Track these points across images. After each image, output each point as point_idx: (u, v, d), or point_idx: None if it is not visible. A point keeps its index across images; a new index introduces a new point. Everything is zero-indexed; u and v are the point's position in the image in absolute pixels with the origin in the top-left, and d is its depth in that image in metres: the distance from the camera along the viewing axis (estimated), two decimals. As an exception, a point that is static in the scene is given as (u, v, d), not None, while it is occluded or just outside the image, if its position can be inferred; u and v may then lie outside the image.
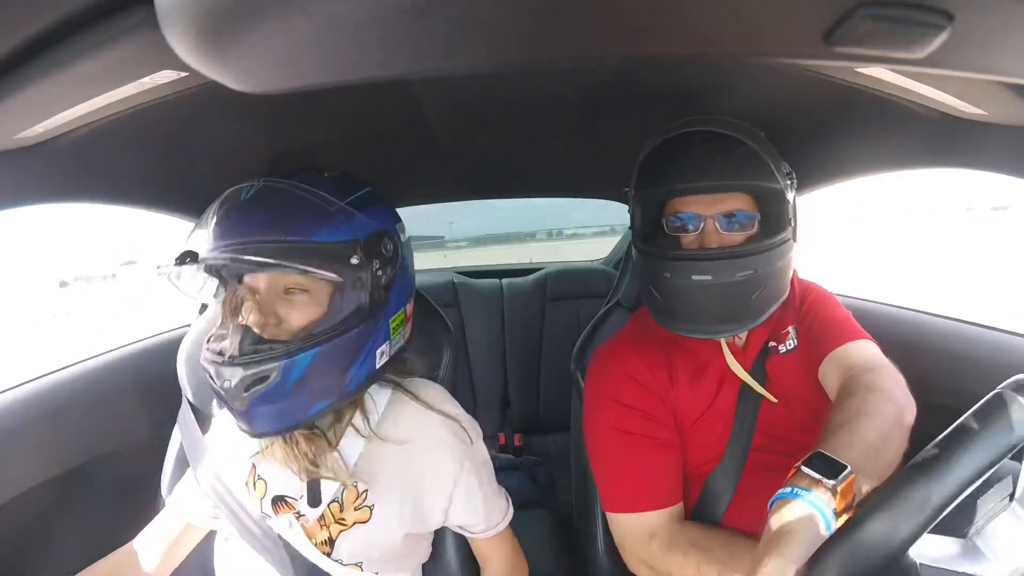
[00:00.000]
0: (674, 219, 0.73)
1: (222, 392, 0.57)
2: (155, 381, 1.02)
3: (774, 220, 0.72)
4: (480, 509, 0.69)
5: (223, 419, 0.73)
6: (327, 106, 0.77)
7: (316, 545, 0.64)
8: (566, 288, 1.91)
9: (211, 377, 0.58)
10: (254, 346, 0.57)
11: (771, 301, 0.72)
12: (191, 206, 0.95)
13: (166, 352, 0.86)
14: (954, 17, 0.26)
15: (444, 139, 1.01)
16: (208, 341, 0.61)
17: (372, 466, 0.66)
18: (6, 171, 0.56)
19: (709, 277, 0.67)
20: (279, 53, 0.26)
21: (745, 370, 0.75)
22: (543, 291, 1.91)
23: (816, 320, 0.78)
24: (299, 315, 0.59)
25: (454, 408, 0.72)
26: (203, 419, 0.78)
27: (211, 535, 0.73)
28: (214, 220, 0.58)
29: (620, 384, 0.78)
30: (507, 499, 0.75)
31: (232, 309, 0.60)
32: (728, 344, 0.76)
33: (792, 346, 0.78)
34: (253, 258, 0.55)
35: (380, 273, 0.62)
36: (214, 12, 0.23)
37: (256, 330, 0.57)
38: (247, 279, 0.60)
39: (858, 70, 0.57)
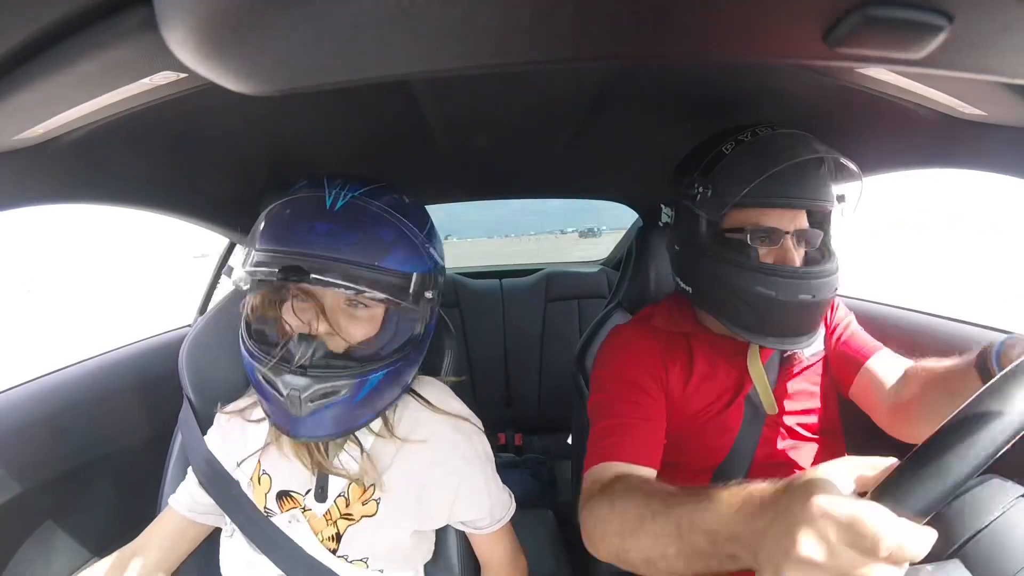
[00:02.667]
0: (758, 231, 0.70)
1: (281, 397, 0.55)
2: (155, 381, 1.02)
3: (828, 236, 0.75)
4: (484, 504, 0.69)
5: (226, 418, 0.73)
6: (327, 107, 0.77)
7: (322, 541, 0.64)
8: (566, 288, 1.92)
9: (267, 381, 0.56)
10: (327, 360, 0.56)
11: None
12: (192, 207, 0.95)
13: (166, 352, 0.86)
14: (954, 18, 0.26)
15: (444, 139, 1.01)
16: (252, 337, 0.59)
17: (379, 461, 0.66)
18: (6, 171, 0.56)
19: (811, 296, 0.68)
20: (278, 55, 0.26)
21: (761, 365, 0.77)
22: (543, 291, 1.92)
23: (846, 330, 0.83)
24: (360, 330, 0.60)
25: (458, 405, 0.72)
26: (204, 418, 0.78)
27: (215, 533, 0.73)
28: (295, 223, 0.56)
29: (621, 356, 0.79)
30: (510, 495, 0.75)
31: (279, 306, 0.59)
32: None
33: (818, 349, 0.81)
34: (350, 285, 0.54)
35: (435, 303, 0.65)
36: (212, 14, 0.23)
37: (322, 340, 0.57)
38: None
39: (858, 70, 0.57)
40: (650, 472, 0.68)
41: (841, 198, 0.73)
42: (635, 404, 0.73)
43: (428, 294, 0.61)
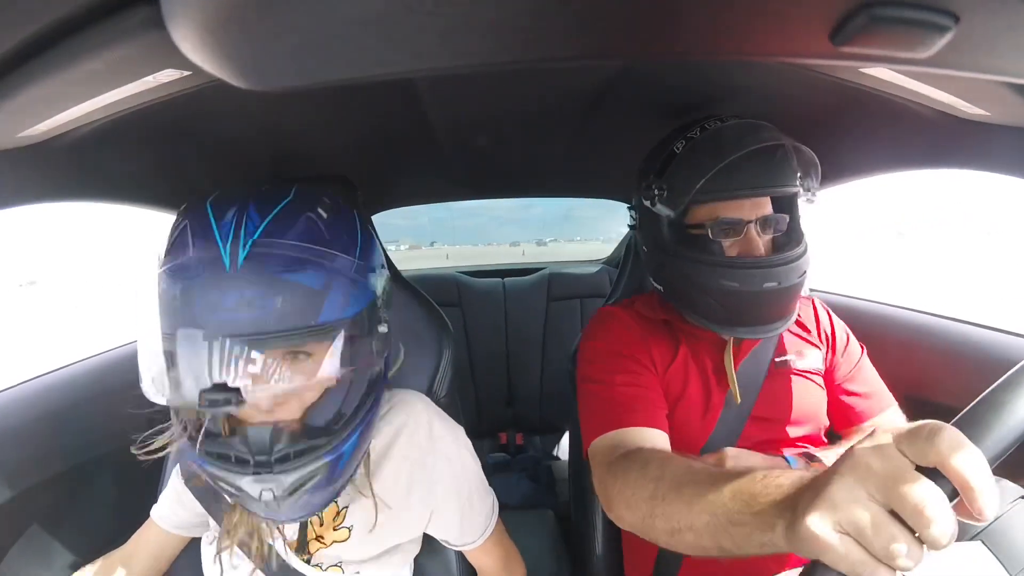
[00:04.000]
0: (719, 224, 0.71)
1: (254, 503, 0.47)
2: (156, 380, 1.01)
3: (795, 219, 0.75)
4: (454, 528, 0.67)
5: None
6: (329, 106, 0.77)
7: (296, 554, 0.64)
8: (568, 288, 1.92)
9: (232, 488, 0.47)
10: (291, 447, 0.46)
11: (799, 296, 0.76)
12: (192, 205, 0.95)
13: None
14: (960, 18, 0.26)
15: (445, 138, 1.01)
16: (200, 442, 0.48)
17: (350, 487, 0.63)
18: (9, 169, 0.56)
19: (776, 283, 0.68)
20: (284, 51, 0.26)
21: (735, 368, 0.77)
22: (545, 290, 1.92)
23: (853, 368, 0.82)
24: (311, 388, 0.51)
25: (435, 424, 0.67)
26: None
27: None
28: (194, 306, 0.43)
29: (608, 330, 0.80)
30: (489, 510, 0.71)
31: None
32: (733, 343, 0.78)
33: (817, 366, 0.82)
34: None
35: (387, 320, 0.56)
36: (218, 11, 0.23)
37: (265, 413, 0.47)
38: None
39: (862, 70, 0.57)
40: (665, 437, 0.68)
41: (805, 181, 0.73)
42: (635, 374, 0.74)
43: (382, 327, 0.52)
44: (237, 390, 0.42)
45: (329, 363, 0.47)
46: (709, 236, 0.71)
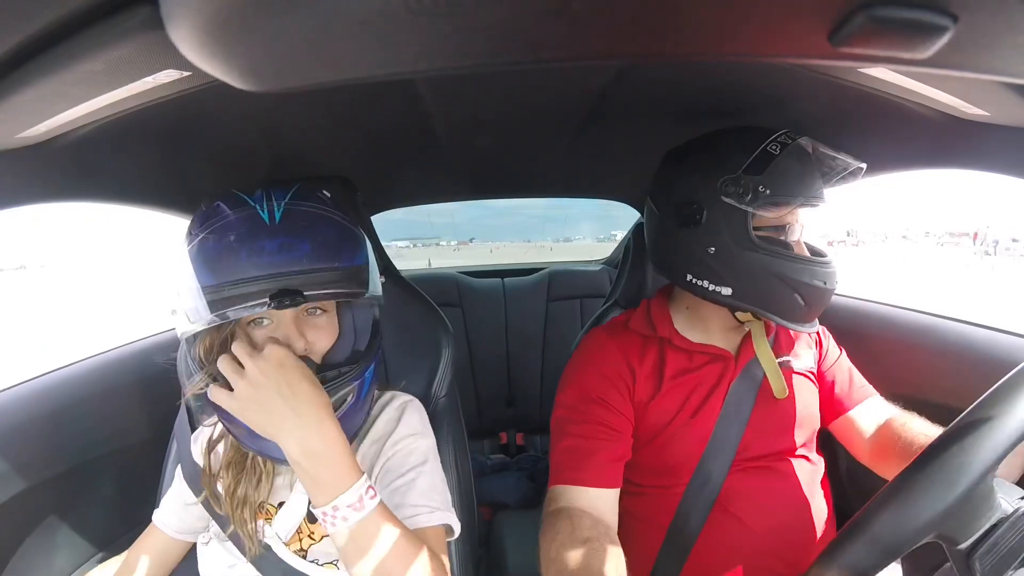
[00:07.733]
0: (788, 229, 0.76)
1: None
2: (155, 381, 1.02)
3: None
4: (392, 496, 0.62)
5: (210, 427, 0.72)
6: (329, 106, 0.77)
7: (293, 551, 0.64)
8: (568, 288, 1.92)
9: None
10: (323, 373, 0.55)
11: None
12: (193, 205, 0.95)
13: (166, 352, 0.86)
14: (958, 18, 0.26)
15: (446, 138, 1.01)
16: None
17: None
18: (8, 170, 0.56)
19: (837, 283, 0.75)
20: (284, 52, 0.26)
21: (742, 367, 0.79)
22: (545, 291, 1.92)
23: (835, 366, 0.87)
24: (325, 337, 0.60)
25: (407, 411, 0.69)
26: (199, 420, 0.78)
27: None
28: (242, 246, 0.51)
29: (586, 369, 0.82)
30: (434, 506, 0.63)
31: (224, 341, 0.57)
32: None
33: (810, 365, 0.85)
34: (342, 291, 0.54)
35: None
36: (219, 11, 0.23)
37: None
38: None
39: (861, 70, 0.57)
40: (609, 493, 0.73)
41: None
42: (596, 423, 0.76)
43: (382, 278, 0.63)
44: (299, 291, 0.51)
45: (363, 299, 0.58)
46: (787, 238, 0.75)
